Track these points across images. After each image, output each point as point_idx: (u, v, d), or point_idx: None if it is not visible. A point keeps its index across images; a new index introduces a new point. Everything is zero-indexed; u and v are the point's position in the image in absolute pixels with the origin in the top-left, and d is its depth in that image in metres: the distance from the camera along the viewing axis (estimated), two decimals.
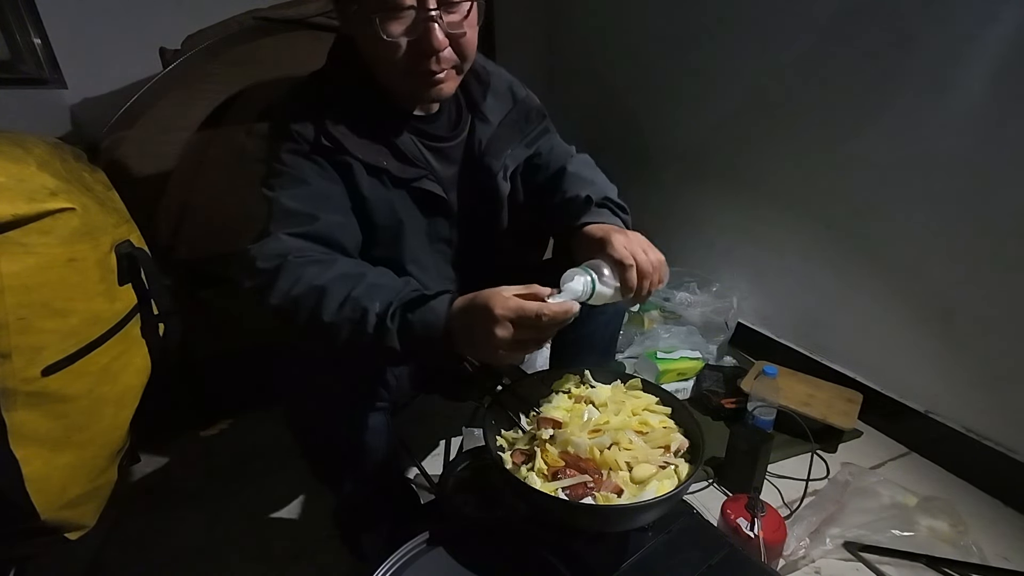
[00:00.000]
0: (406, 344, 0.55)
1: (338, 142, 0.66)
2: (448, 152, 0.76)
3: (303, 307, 0.57)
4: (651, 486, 0.57)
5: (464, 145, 0.77)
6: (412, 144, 0.72)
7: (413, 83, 0.66)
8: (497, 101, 0.79)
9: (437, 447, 1.25)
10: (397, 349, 0.54)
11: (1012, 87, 1.02)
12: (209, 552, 0.99)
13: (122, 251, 0.86)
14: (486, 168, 0.77)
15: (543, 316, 0.52)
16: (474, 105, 0.77)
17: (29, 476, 0.75)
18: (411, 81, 0.65)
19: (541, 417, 0.66)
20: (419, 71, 0.64)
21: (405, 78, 0.65)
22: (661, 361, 1.42)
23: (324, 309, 0.56)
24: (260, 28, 1.19)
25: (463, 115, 0.77)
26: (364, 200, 0.69)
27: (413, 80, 0.65)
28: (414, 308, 0.55)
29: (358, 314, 0.55)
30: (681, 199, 1.82)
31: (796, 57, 1.39)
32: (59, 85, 1.49)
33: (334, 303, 0.56)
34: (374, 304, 0.55)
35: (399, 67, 0.63)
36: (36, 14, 1.41)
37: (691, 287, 1.66)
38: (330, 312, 0.55)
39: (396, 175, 0.70)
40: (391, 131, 0.70)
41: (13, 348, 0.71)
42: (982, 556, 0.94)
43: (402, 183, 0.71)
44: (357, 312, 0.55)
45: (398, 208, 0.71)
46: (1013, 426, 1.12)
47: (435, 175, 0.74)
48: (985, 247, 1.11)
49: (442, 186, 0.74)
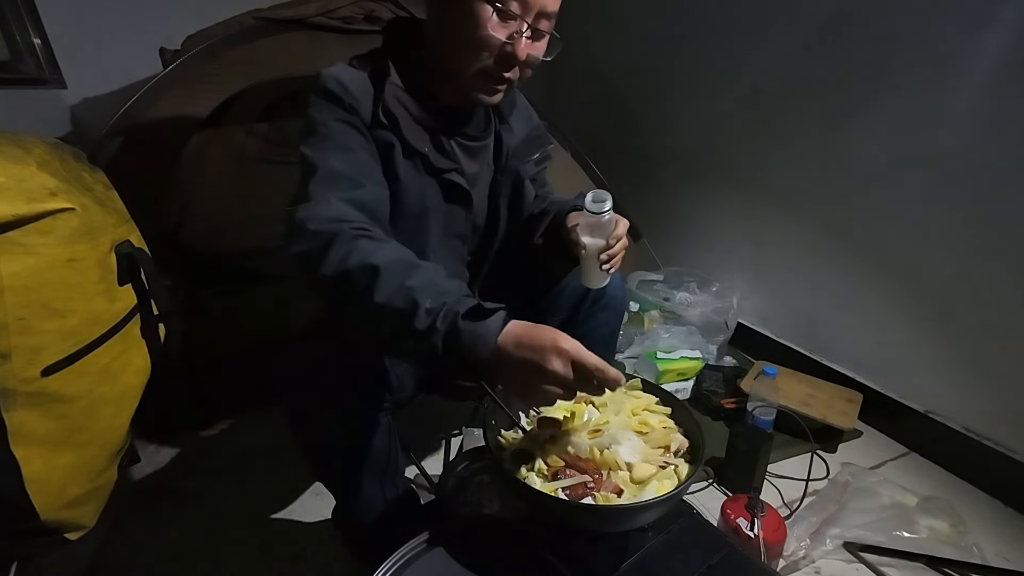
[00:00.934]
0: (449, 350, 0.51)
1: (395, 121, 0.68)
2: (476, 151, 0.81)
3: (354, 284, 0.54)
4: (651, 486, 0.57)
5: (490, 149, 0.83)
6: (448, 139, 0.76)
7: (479, 82, 0.69)
8: (520, 118, 0.87)
9: (437, 447, 1.25)
10: (439, 351, 0.52)
11: (1011, 87, 1.02)
12: (209, 552, 0.99)
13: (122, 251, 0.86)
14: (514, 171, 0.84)
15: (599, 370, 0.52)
16: (503, 115, 0.83)
17: (29, 476, 0.75)
18: (479, 79, 0.69)
19: (541, 417, 0.66)
20: (493, 73, 0.68)
21: (476, 74, 0.68)
22: (661, 361, 1.42)
23: (376, 291, 0.53)
24: (260, 28, 1.20)
25: (491, 122, 0.83)
26: (398, 182, 0.71)
27: (482, 79, 0.69)
28: (468, 316, 0.52)
29: (409, 305, 0.52)
30: (681, 199, 1.82)
31: (795, 57, 1.39)
32: (59, 85, 1.49)
33: (387, 287, 0.53)
34: (425, 299, 0.52)
35: (478, 63, 0.67)
36: (36, 14, 1.41)
37: (691, 287, 1.66)
38: (382, 295, 0.53)
39: (432, 163, 0.72)
40: (433, 121, 0.73)
41: (13, 348, 0.71)
42: (982, 556, 0.94)
43: (435, 172, 0.73)
44: (408, 303, 0.52)
45: (426, 196, 0.74)
46: (1013, 426, 1.12)
47: (463, 171, 0.78)
48: (985, 247, 1.11)
49: (467, 181, 0.78)
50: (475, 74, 0.68)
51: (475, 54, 0.66)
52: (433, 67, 0.72)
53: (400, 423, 0.81)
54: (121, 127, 1.09)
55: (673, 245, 1.86)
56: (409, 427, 1.28)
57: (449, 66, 0.69)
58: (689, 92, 1.72)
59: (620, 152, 2.03)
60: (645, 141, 1.94)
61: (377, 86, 0.69)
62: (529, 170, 0.88)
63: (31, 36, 1.43)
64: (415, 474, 1.14)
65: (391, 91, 0.69)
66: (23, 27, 1.41)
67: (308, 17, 1.21)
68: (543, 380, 0.51)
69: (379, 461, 0.76)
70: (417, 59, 0.72)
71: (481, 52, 0.66)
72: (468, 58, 0.67)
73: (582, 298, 0.92)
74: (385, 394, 0.73)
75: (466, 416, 1.17)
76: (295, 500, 1.11)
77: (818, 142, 1.38)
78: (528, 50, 0.67)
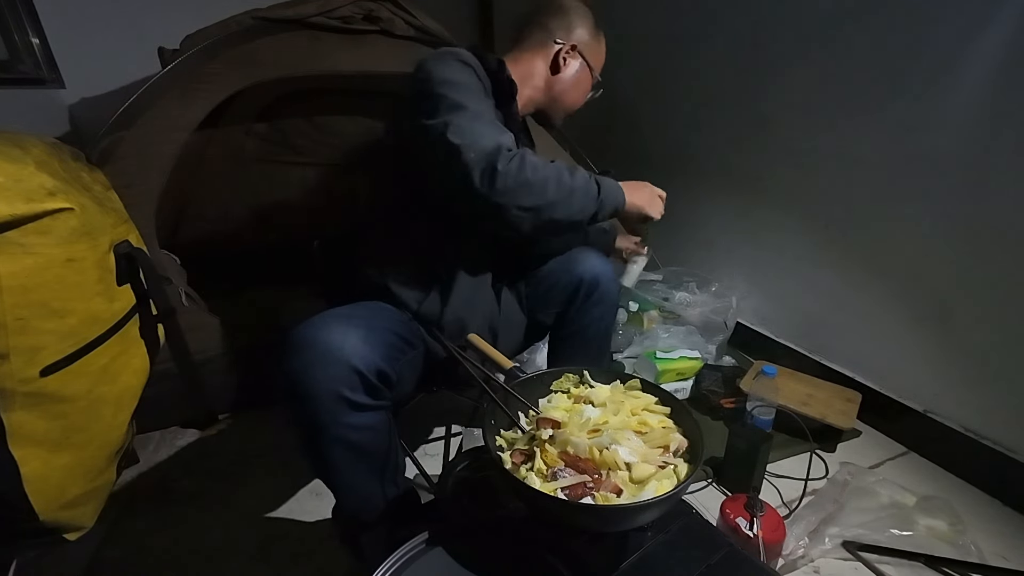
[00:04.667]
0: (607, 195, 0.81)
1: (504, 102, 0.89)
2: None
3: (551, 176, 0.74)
4: (650, 486, 0.57)
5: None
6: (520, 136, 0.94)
7: (566, 112, 0.99)
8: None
9: (437, 447, 1.25)
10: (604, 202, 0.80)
11: (1010, 87, 1.02)
12: (208, 552, 0.99)
13: (121, 251, 0.86)
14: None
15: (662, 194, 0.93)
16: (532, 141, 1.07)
17: (28, 476, 0.75)
18: (567, 111, 0.99)
19: (540, 417, 0.66)
20: (574, 108, 1.00)
21: (569, 110, 0.99)
22: (660, 361, 1.42)
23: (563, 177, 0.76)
24: (259, 28, 1.19)
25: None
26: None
27: (569, 112, 0.99)
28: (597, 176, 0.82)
29: (583, 181, 0.78)
30: (680, 199, 1.81)
31: (795, 57, 1.39)
32: (57, 85, 1.48)
33: (567, 173, 0.77)
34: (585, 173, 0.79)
35: (577, 99, 0.99)
36: (34, 14, 1.41)
37: (690, 287, 1.66)
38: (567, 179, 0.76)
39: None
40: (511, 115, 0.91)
41: (11, 348, 0.70)
42: (980, 555, 0.94)
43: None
44: (582, 179, 0.78)
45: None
46: (1012, 425, 1.12)
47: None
48: (984, 247, 1.11)
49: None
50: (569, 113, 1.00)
51: (578, 105, 1.00)
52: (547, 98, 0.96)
53: (401, 423, 0.81)
54: (120, 127, 1.09)
55: (672, 245, 1.86)
56: (409, 427, 1.28)
57: (564, 104, 0.98)
58: (688, 92, 1.73)
59: (618, 152, 2.03)
60: (644, 141, 1.94)
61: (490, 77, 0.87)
62: None
63: (29, 36, 1.42)
64: (415, 474, 1.14)
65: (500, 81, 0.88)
66: (21, 27, 1.41)
67: (307, 17, 1.20)
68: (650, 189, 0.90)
69: (379, 461, 0.76)
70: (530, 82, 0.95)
71: (580, 105, 1.00)
72: (574, 106, 0.99)
73: (574, 293, 0.96)
74: (385, 392, 0.73)
75: (466, 416, 1.17)
76: (295, 500, 1.11)
77: (818, 142, 1.38)
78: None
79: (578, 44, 0.94)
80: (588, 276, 0.96)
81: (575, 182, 0.77)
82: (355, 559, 0.88)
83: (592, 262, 0.98)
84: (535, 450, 0.62)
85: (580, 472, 0.59)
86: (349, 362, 0.67)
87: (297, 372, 0.67)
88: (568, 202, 0.76)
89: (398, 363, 0.77)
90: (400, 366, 0.77)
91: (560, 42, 0.93)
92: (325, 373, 0.67)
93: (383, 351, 0.73)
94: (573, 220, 0.78)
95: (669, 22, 1.73)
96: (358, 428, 0.71)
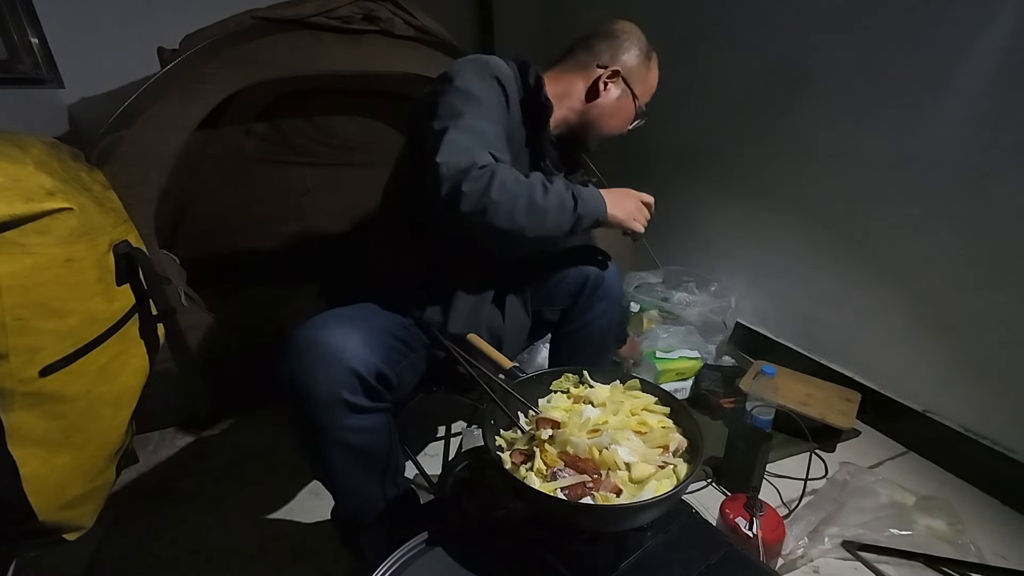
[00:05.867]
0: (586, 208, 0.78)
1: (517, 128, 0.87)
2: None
3: (520, 195, 0.72)
4: (650, 486, 0.57)
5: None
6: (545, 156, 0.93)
7: (602, 137, 0.96)
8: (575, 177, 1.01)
9: (436, 447, 1.25)
10: (583, 216, 0.78)
11: (1010, 88, 1.02)
12: (208, 553, 0.99)
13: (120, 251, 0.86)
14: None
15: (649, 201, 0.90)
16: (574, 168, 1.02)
17: (27, 477, 0.75)
18: (603, 136, 0.96)
19: (540, 417, 0.66)
20: (615, 134, 0.97)
21: (605, 135, 0.96)
22: (660, 361, 1.42)
23: (535, 195, 0.73)
24: (258, 28, 1.19)
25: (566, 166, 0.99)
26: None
27: (605, 137, 0.96)
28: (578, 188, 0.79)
29: (557, 198, 0.75)
30: (679, 199, 1.82)
31: (794, 57, 1.39)
32: (57, 85, 1.48)
33: (541, 191, 0.74)
34: (562, 187, 0.77)
35: (615, 126, 0.95)
36: (34, 14, 1.41)
37: (689, 287, 1.66)
38: (539, 197, 0.74)
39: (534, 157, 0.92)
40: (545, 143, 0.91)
41: (11, 349, 0.70)
42: (980, 555, 0.94)
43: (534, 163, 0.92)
44: (556, 196, 0.75)
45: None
46: (1011, 425, 1.12)
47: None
48: (983, 247, 1.12)
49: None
50: (606, 128, 0.95)
51: (616, 132, 0.96)
52: (582, 120, 0.93)
53: (400, 423, 0.81)
54: (119, 127, 1.09)
55: (672, 245, 1.86)
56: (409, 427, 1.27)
57: (600, 129, 0.94)
58: (688, 92, 1.72)
59: (618, 151, 2.03)
60: (643, 140, 1.93)
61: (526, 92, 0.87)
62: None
63: (29, 36, 1.42)
64: (415, 474, 1.14)
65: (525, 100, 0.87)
66: (21, 27, 1.41)
67: (306, 17, 1.20)
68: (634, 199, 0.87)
69: (379, 461, 0.76)
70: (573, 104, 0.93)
71: (619, 132, 0.97)
72: (613, 132, 0.96)
73: (581, 289, 0.97)
74: (385, 394, 0.73)
75: (466, 416, 1.17)
76: (294, 500, 1.11)
77: (817, 142, 1.38)
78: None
79: (622, 70, 0.91)
80: (594, 272, 0.97)
81: (548, 200, 0.74)
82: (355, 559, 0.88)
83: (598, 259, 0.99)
84: (535, 450, 0.62)
85: (580, 472, 0.59)
86: (349, 364, 0.67)
87: (297, 373, 0.67)
88: (540, 220, 0.73)
89: (398, 365, 0.77)
90: (400, 368, 0.77)
91: (602, 67, 0.90)
92: (325, 375, 0.67)
93: (383, 353, 0.73)
94: (548, 236, 0.76)
95: (669, 23, 1.72)
96: (357, 430, 0.71)
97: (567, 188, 0.77)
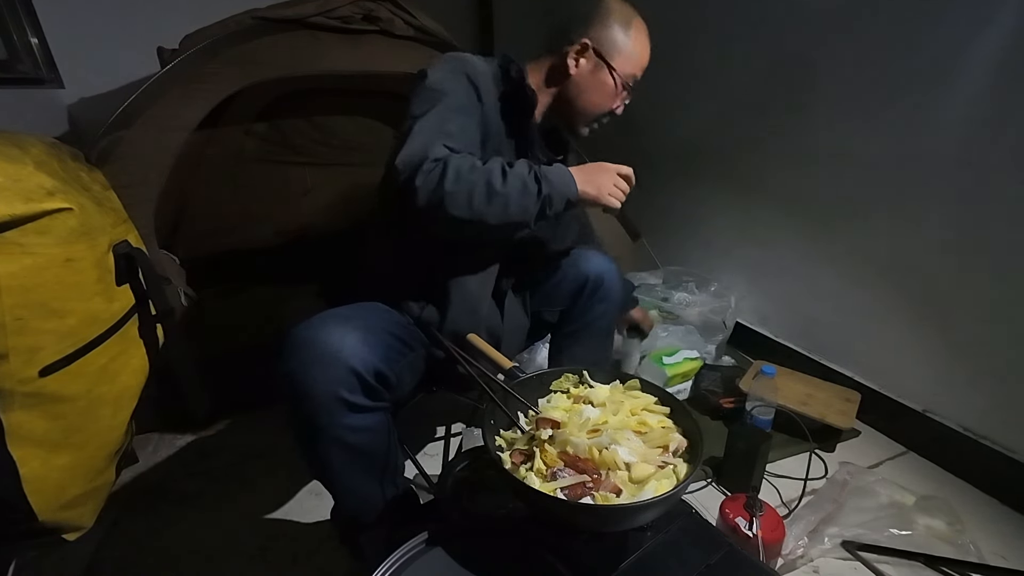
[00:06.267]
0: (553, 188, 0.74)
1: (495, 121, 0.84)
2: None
3: (477, 182, 0.70)
4: (650, 486, 0.57)
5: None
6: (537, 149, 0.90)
7: (586, 117, 0.91)
8: (573, 158, 1.00)
9: (436, 447, 1.25)
10: (550, 197, 0.73)
11: (1010, 88, 1.02)
12: (207, 553, 0.99)
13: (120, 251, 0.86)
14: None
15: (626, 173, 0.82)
16: (566, 151, 0.99)
17: (27, 477, 0.75)
18: (586, 116, 0.91)
19: (540, 417, 0.66)
20: (600, 116, 0.92)
21: (588, 114, 0.91)
22: (669, 367, 1.40)
23: (493, 181, 0.70)
24: (258, 28, 1.19)
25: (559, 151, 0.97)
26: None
27: (589, 117, 0.91)
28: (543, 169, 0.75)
29: (518, 181, 0.72)
30: (679, 199, 1.82)
31: (794, 57, 1.39)
32: (56, 85, 1.48)
33: (499, 176, 0.71)
34: (524, 169, 0.73)
35: (597, 103, 0.90)
36: (33, 14, 1.41)
37: (689, 287, 1.66)
38: (498, 183, 0.70)
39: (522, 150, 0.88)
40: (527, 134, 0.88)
41: (10, 349, 0.70)
42: (979, 554, 0.94)
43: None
44: (516, 180, 0.72)
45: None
46: (1010, 425, 1.12)
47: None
48: (982, 246, 1.12)
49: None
50: (589, 113, 0.91)
51: (601, 109, 0.91)
52: (560, 102, 0.90)
53: (400, 423, 0.81)
54: (119, 127, 1.08)
55: (671, 245, 1.86)
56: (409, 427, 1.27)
57: (580, 108, 0.90)
58: (688, 92, 1.73)
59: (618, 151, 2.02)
60: (644, 141, 1.94)
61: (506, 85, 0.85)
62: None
63: (29, 36, 1.42)
64: (414, 474, 1.14)
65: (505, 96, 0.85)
66: (20, 27, 1.41)
67: (306, 17, 1.20)
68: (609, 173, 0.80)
69: (379, 461, 0.76)
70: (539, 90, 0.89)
71: (604, 109, 0.91)
72: (596, 110, 0.90)
73: (580, 290, 0.97)
74: (384, 393, 0.73)
75: (466, 416, 1.17)
76: (294, 500, 1.11)
77: (817, 142, 1.38)
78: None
79: (592, 42, 0.86)
80: (594, 273, 0.97)
81: (508, 186, 0.71)
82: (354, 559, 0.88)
83: (597, 260, 0.99)
84: (535, 450, 0.62)
85: (580, 472, 0.59)
86: (348, 363, 0.67)
87: (295, 373, 0.67)
88: (503, 206, 0.71)
89: (397, 365, 0.77)
90: (399, 368, 0.77)
91: (573, 42, 0.87)
92: (323, 374, 0.67)
93: (382, 352, 0.73)
94: (513, 223, 0.73)
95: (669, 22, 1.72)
96: (356, 429, 0.71)
97: (529, 170, 0.73)
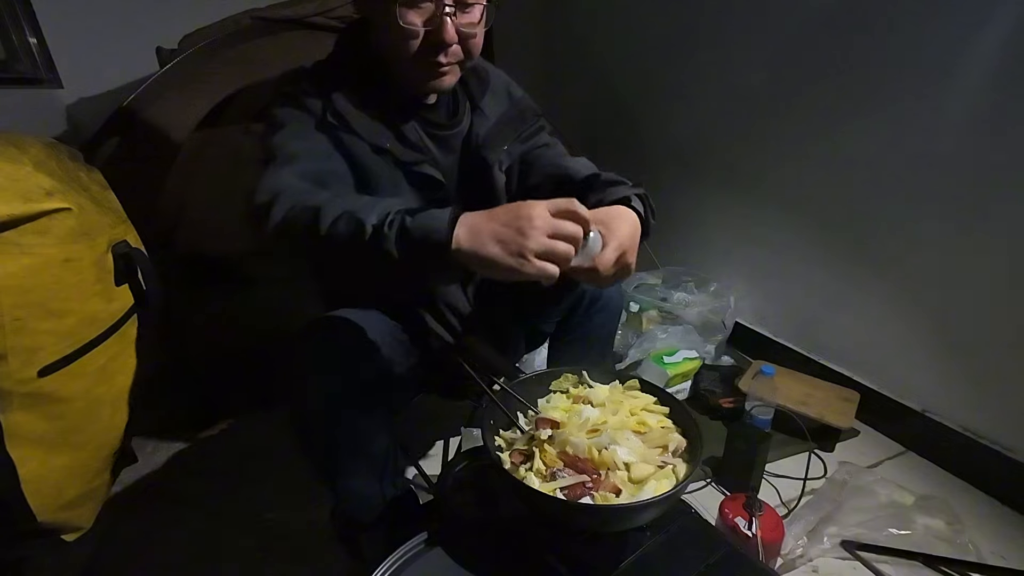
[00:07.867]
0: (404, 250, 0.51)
1: (344, 120, 0.70)
2: (448, 140, 0.80)
3: (300, 224, 0.56)
4: (649, 486, 0.58)
5: (464, 136, 0.81)
6: (415, 130, 0.76)
7: (419, 72, 0.70)
8: (495, 99, 0.84)
9: (436, 447, 1.25)
10: (395, 255, 0.51)
11: (1010, 88, 1.02)
12: (207, 553, 0.99)
13: (119, 251, 0.86)
14: (482, 159, 0.81)
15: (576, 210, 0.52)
16: (474, 101, 0.82)
17: (25, 477, 0.74)
18: (418, 69, 0.70)
19: (539, 417, 0.66)
20: (427, 61, 0.68)
21: (413, 66, 0.69)
22: (669, 366, 1.39)
23: (320, 223, 0.54)
24: (257, 28, 1.19)
25: (461, 108, 0.81)
26: (368, 174, 0.72)
27: (420, 69, 0.70)
28: (413, 215, 0.52)
29: (353, 226, 0.53)
30: (679, 199, 1.82)
31: (794, 57, 1.39)
32: (55, 85, 1.48)
33: (329, 217, 0.54)
34: (371, 216, 0.53)
35: (409, 55, 0.67)
36: (32, 14, 1.40)
37: (688, 287, 1.66)
38: (326, 225, 0.53)
39: (399, 157, 0.73)
40: (396, 116, 0.74)
41: (9, 349, 0.70)
42: (978, 554, 0.94)
43: (403, 165, 0.74)
44: (352, 224, 0.53)
45: (400, 190, 0.75)
46: (1010, 425, 1.12)
47: (435, 161, 0.78)
48: (982, 246, 1.12)
49: (441, 172, 0.77)
50: (412, 63, 0.68)
51: (403, 46, 0.66)
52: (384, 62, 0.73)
53: (400, 423, 0.81)
54: (117, 126, 1.08)
55: (671, 245, 1.86)
56: (408, 427, 1.28)
57: (389, 59, 0.72)
58: (688, 92, 1.72)
59: (618, 151, 2.03)
60: (643, 140, 1.94)
61: (323, 92, 0.70)
62: (516, 150, 0.83)
63: (27, 36, 1.42)
64: (414, 474, 1.14)
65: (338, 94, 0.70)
66: (19, 27, 1.40)
67: (305, 16, 1.20)
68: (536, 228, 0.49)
69: (378, 461, 0.76)
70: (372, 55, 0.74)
71: (407, 42, 0.66)
72: (398, 52, 0.68)
73: (578, 301, 0.93)
74: (383, 396, 0.73)
75: (465, 416, 1.17)
76: (294, 500, 1.11)
77: (816, 142, 1.38)
78: (458, 27, 0.66)
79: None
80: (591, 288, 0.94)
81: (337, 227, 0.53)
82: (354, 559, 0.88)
83: None
84: (534, 450, 0.62)
85: (579, 472, 0.59)
86: (348, 364, 0.67)
87: (296, 374, 0.68)
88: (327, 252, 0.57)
89: (397, 366, 0.77)
90: (399, 369, 0.77)
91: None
92: (324, 375, 0.67)
93: (382, 354, 0.73)
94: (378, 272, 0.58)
95: (668, 22, 1.72)
96: (356, 430, 0.71)
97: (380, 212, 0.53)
